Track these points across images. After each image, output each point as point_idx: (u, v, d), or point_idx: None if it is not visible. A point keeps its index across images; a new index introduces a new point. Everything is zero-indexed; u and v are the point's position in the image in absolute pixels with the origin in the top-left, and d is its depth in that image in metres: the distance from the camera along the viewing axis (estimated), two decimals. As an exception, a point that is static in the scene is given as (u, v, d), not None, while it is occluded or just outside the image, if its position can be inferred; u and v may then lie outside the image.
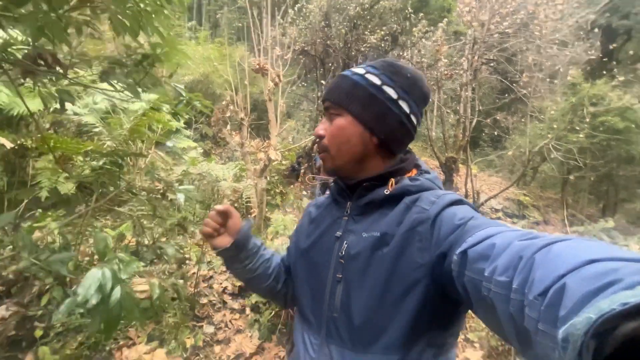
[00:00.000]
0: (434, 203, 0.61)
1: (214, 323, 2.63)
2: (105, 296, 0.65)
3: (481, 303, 0.44)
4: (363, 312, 0.61)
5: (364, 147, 0.69)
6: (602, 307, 0.25)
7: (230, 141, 4.30)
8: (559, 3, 8.97)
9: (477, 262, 0.45)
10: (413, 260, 0.59)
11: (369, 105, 0.67)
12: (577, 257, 0.32)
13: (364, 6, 8.01)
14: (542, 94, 10.92)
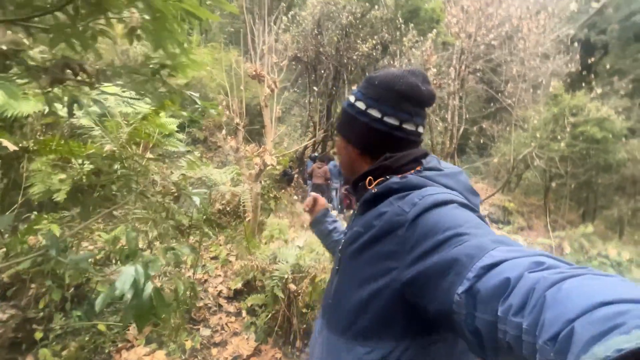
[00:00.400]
0: (415, 205, 0.57)
1: (210, 326, 2.64)
2: (139, 291, 0.70)
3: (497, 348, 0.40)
4: (342, 300, 0.66)
5: (349, 157, 0.79)
6: (597, 355, 0.24)
7: (225, 146, 4.33)
8: (541, 18, 9.40)
9: (491, 301, 0.40)
10: (387, 262, 0.58)
11: (345, 123, 0.78)
12: (588, 299, 0.30)
13: (355, 15, 8.20)
14: (525, 103, 11.34)
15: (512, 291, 0.38)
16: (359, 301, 0.61)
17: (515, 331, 0.36)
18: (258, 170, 3.71)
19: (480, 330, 0.42)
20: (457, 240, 0.48)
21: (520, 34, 9.39)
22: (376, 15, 8.47)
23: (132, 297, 0.67)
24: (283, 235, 3.60)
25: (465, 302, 0.43)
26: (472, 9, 9.03)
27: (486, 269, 0.42)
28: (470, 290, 0.43)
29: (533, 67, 10.42)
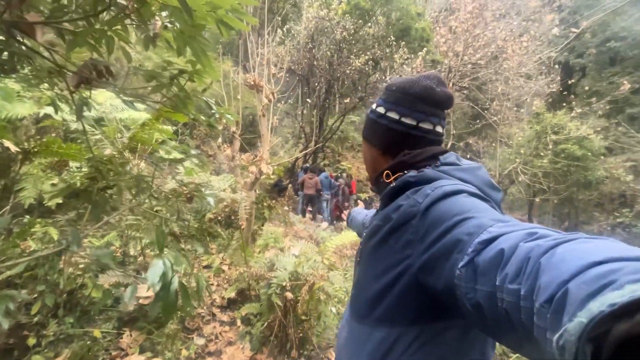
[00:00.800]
0: (428, 196, 0.60)
1: (204, 335, 2.60)
2: (167, 284, 0.71)
3: (497, 318, 0.41)
4: (363, 290, 0.70)
5: (373, 160, 0.84)
6: (592, 310, 0.25)
7: (220, 154, 4.33)
8: (524, 40, 9.90)
9: (489, 272, 0.42)
10: (403, 251, 0.60)
11: (368, 127, 0.85)
12: (581, 259, 0.31)
13: (349, 31, 8.45)
14: (509, 121, 11.77)
15: (508, 261, 0.39)
16: (377, 290, 0.64)
17: (512, 297, 0.37)
18: (254, 178, 3.72)
19: (481, 303, 0.42)
20: (462, 223, 0.51)
21: (505, 54, 9.85)
22: (369, 32, 8.76)
23: (160, 289, 0.69)
24: (278, 243, 3.59)
25: (466, 276, 0.45)
26: (460, 29, 9.45)
27: (484, 244, 0.44)
28: (470, 265, 0.45)
29: (517, 87, 10.90)
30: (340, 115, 10.91)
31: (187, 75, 1.17)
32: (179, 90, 1.18)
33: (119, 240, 2.99)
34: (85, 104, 1.30)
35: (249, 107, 8.62)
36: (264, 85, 3.74)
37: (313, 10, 8.41)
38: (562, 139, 10.52)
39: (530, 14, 12.30)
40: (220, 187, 2.60)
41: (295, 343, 2.51)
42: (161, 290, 0.70)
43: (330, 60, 8.99)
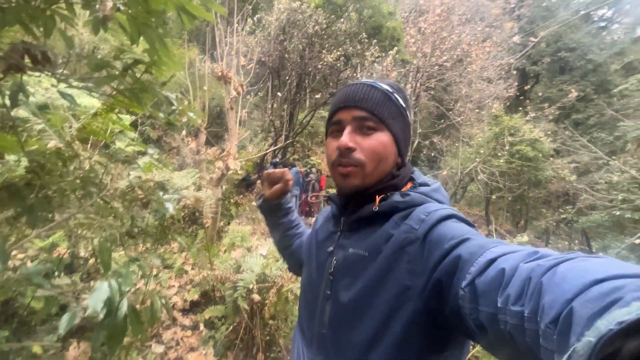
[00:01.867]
0: (423, 221, 0.57)
1: (163, 342, 2.45)
2: (114, 310, 0.61)
3: (501, 339, 0.40)
4: (349, 330, 0.59)
5: (387, 153, 0.66)
6: (600, 329, 0.24)
7: (184, 148, 4.11)
8: (487, 46, 10.42)
9: (490, 293, 0.41)
10: (400, 281, 0.55)
11: (403, 129, 0.68)
12: (582, 278, 0.31)
13: (321, 25, 8.35)
14: (471, 122, 12.41)
15: (509, 282, 0.39)
16: (371, 333, 0.56)
17: (515, 320, 0.36)
18: (220, 174, 3.56)
19: (484, 324, 0.42)
20: (463, 243, 0.50)
21: (469, 58, 10.31)
22: (341, 28, 8.72)
23: (105, 316, 0.59)
24: (245, 242, 3.48)
25: (469, 297, 0.44)
26: (429, 31, 9.72)
27: (487, 264, 0.44)
28: (472, 284, 0.44)
29: (479, 89, 11.49)
30: (311, 110, 10.84)
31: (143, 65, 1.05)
32: (134, 82, 1.05)
33: (66, 240, 2.72)
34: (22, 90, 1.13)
35: (216, 98, 8.26)
36: (233, 77, 3.57)
37: (285, 1, 8.20)
38: (517, 140, 11.24)
39: (492, 20, 12.96)
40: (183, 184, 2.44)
41: (262, 346, 2.45)
42: (106, 317, 0.60)
43: (301, 53, 8.85)
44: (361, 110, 0.65)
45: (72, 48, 0.86)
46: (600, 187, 10.41)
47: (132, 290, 2.19)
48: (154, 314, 0.79)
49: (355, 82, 0.69)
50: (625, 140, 11.05)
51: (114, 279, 0.63)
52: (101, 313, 0.59)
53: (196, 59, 6.50)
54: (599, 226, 10.35)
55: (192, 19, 0.79)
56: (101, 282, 0.62)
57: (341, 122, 0.67)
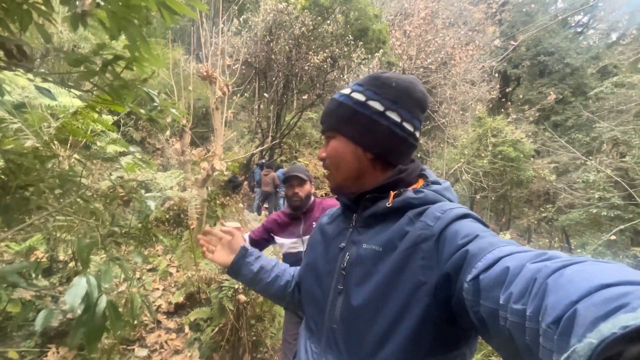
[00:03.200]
0: (439, 219, 0.58)
1: (147, 345, 2.40)
2: (91, 306, 0.60)
3: (501, 335, 0.40)
4: (361, 325, 0.60)
5: (358, 164, 0.69)
6: (603, 332, 0.24)
7: (168, 148, 4.04)
8: (470, 49, 10.68)
9: (493, 289, 0.42)
10: (415, 277, 0.56)
11: (356, 123, 0.68)
12: (589, 282, 0.31)
13: (308, 27, 8.37)
14: (456, 123, 12.68)
15: (513, 280, 0.39)
16: (385, 327, 0.57)
17: (515, 318, 0.37)
18: (205, 175, 3.52)
19: (485, 319, 0.43)
20: (474, 240, 0.51)
21: (453, 61, 10.54)
22: (328, 30, 8.76)
23: (83, 312, 0.58)
24: (231, 243, 3.44)
25: (472, 290, 0.45)
26: (414, 34, 9.90)
27: (494, 261, 0.44)
28: (476, 279, 0.45)
29: (463, 92, 11.75)
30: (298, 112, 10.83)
31: (124, 62, 1.03)
32: (114, 78, 1.04)
33: (44, 244, 2.63)
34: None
35: (201, 99, 8.17)
36: (218, 77, 3.54)
37: (271, 2, 8.19)
38: (500, 141, 11.53)
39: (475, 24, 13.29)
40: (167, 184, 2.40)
41: (248, 347, 2.43)
42: (84, 313, 0.59)
43: (288, 55, 8.84)
44: (323, 126, 0.76)
45: (49, 42, 0.84)
46: (578, 186, 10.79)
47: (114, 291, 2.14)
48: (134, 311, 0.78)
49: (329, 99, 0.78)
50: (600, 140, 11.51)
51: (92, 276, 0.62)
52: (79, 309, 0.59)
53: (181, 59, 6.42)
54: (577, 224, 10.72)
55: (173, 15, 0.79)
56: (79, 277, 0.61)
57: None
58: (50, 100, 3.07)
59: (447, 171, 12.04)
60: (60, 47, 3.82)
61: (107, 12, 0.81)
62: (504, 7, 17.78)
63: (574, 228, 11.56)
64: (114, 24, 0.84)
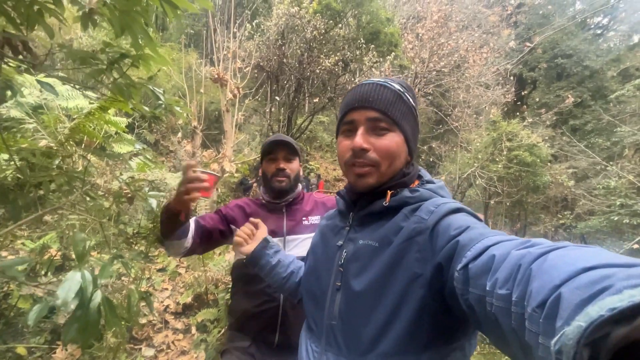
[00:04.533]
0: (433, 212, 0.59)
1: (154, 345, 2.41)
2: (86, 301, 0.60)
3: (488, 320, 0.42)
4: (359, 320, 0.61)
5: (399, 150, 0.68)
6: (591, 314, 0.25)
7: (179, 150, 4.10)
8: (484, 52, 10.50)
9: (480, 277, 0.43)
10: (410, 270, 0.57)
11: (413, 127, 0.71)
12: (572, 265, 0.31)
13: (319, 31, 8.41)
14: (469, 127, 12.45)
15: (498, 267, 0.40)
16: (381, 320, 0.58)
17: (501, 302, 0.38)
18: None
19: (473, 306, 0.44)
20: (465, 231, 0.53)
21: (466, 64, 10.38)
22: (339, 33, 8.78)
23: (77, 307, 0.57)
24: (239, 245, 3.45)
25: (462, 279, 0.47)
26: (426, 37, 9.80)
27: (482, 250, 0.46)
28: (465, 268, 0.46)
29: (477, 95, 11.54)
30: (309, 115, 10.86)
31: (130, 60, 1.04)
32: (120, 76, 1.05)
33: (57, 242, 2.69)
34: (9, 87, 1.12)
35: (214, 102, 8.29)
36: (229, 80, 3.57)
37: (284, 6, 8.27)
38: (515, 146, 11.25)
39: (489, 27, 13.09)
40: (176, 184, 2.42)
41: (254, 350, 2.41)
42: (78, 308, 0.58)
43: (300, 58, 8.89)
44: (374, 111, 0.66)
45: (52, 37, 0.85)
46: (598, 192, 10.41)
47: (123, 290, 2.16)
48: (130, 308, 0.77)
49: (367, 82, 0.70)
50: (622, 145, 11.10)
51: (88, 270, 0.61)
52: (72, 304, 0.58)
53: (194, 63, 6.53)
54: (597, 231, 10.34)
55: (176, 11, 0.79)
56: (74, 272, 0.60)
57: (354, 122, 0.68)
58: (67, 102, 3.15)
59: (460, 175, 11.81)
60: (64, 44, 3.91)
61: (109, 9, 0.81)
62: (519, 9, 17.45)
63: (593, 236, 11.15)
64: (117, 20, 0.84)
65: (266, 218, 1.25)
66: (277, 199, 1.33)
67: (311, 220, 1.33)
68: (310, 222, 1.32)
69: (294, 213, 1.34)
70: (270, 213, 1.32)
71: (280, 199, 1.33)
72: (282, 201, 1.33)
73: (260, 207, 1.35)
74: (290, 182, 1.30)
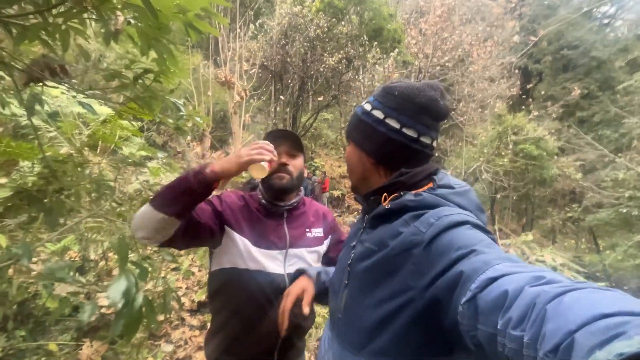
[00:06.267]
0: (432, 225, 0.58)
1: (172, 341, 2.51)
2: (131, 301, 0.67)
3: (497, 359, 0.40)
4: (355, 316, 0.65)
5: (362, 167, 0.75)
6: (598, 358, 0.24)
7: (189, 152, 4.19)
8: (489, 45, 10.43)
9: (491, 313, 0.41)
10: (405, 281, 0.58)
11: (361, 131, 0.74)
12: (589, 311, 0.31)
13: (322, 29, 8.44)
14: (474, 121, 12.38)
15: (511, 304, 0.38)
16: (375, 320, 0.60)
17: (514, 345, 0.36)
18: (225, 177, 3.63)
19: (482, 343, 0.42)
20: (467, 257, 0.50)
21: (470, 58, 10.33)
22: (342, 31, 8.79)
23: (123, 306, 0.65)
24: (250, 244, 3.54)
25: (468, 313, 0.44)
26: (430, 32, 9.77)
27: (489, 282, 0.43)
28: (472, 301, 0.44)
29: (481, 89, 11.48)
30: (314, 113, 10.91)
31: (152, 75, 1.11)
32: (144, 90, 1.12)
33: (77, 244, 2.80)
34: (38, 100, 1.20)
35: (219, 103, 8.37)
36: (236, 82, 3.64)
37: (286, 6, 8.31)
38: (521, 139, 11.19)
39: (493, 20, 12.96)
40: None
41: (268, 345, 2.49)
42: (124, 307, 0.66)
43: (303, 57, 8.94)
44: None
45: (88, 60, 0.92)
46: (606, 184, 10.32)
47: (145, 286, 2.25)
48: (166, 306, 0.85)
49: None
50: (630, 137, 10.96)
51: (130, 273, 0.69)
52: (120, 303, 0.65)
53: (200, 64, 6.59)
54: (606, 224, 10.25)
55: (199, 34, 0.85)
56: (119, 275, 0.68)
57: None
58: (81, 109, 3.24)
59: (466, 170, 11.79)
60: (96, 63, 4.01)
61: (137, 31, 0.88)
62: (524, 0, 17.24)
63: (602, 228, 11.06)
64: (145, 42, 0.91)
65: (264, 224, 1.10)
66: (277, 200, 1.12)
67: (314, 232, 1.18)
68: (313, 235, 1.17)
69: (296, 220, 1.16)
70: (268, 218, 1.12)
71: (280, 201, 1.13)
72: (283, 205, 1.13)
73: (257, 209, 1.13)
74: (293, 181, 1.10)
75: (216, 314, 1.10)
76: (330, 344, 0.73)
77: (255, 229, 1.08)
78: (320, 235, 1.19)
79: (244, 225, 1.08)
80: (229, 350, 1.05)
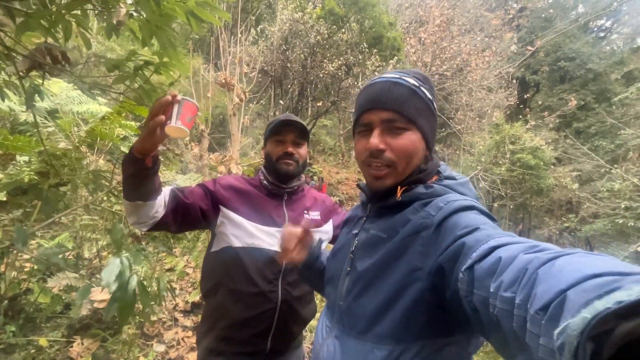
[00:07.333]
0: (441, 209, 0.59)
1: (164, 341, 2.47)
2: (124, 283, 0.67)
3: (490, 323, 0.41)
4: (360, 302, 0.64)
5: (415, 149, 0.66)
6: (597, 307, 0.24)
7: (188, 153, 4.19)
8: (487, 55, 10.59)
9: (485, 279, 0.42)
10: (412, 262, 0.58)
11: (431, 122, 0.68)
12: (580, 271, 0.31)
13: (323, 35, 8.54)
14: (472, 130, 12.50)
15: (504, 269, 0.40)
16: (380, 305, 0.60)
17: (504, 305, 0.37)
18: (222, 179, 3.63)
19: (477, 308, 0.44)
20: (472, 232, 0.52)
21: (469, 67, 10.47)
22: (342, 38, 8.90)
23: (117, 289, 0.65)
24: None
25: (467, 280, 0.46)
26: (429, 41, 9.91)
27: (488, 251, 0.45)
28: (470, 269, 0.46)
29: (479, 98, 11.62)
30: (313, 119, 10.96)
31: (153, 67, 1.12)
32: (144, 82, 1.13)
33: (72, 241, 2.78)
34: (37, 92, 1.21)
35: (219, 106, 8.41)
36: (236, 84, 3.67)
37: (288, 12, 8.41)
38: (518, 149, 11.26)
39: (492, 31, 13.19)
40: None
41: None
42: (117, 290, 0.66)
43: (303, 63, 9.02)
44: (388, 112, 0.65)
45: (89, 48, 0.93)
46: (602, 195, 10.38)
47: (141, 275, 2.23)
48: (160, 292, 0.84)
49: (379, 79, 0.69)
50: (626, 148, 11.08)
51: (125, 257, 0.69)
52: (113, 285, 0.65)
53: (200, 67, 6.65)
54: (602, 234, 10.29)
55: (200, 23, 0.87)
56: (114, 258, 0.68)
57: (369, 124, 0.68)
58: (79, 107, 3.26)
59: (463, 178, 11.80)
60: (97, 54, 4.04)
61: (140, 21, 0.89)
62: (521, 12, 17.55)
63: (598, 239, 11.10)
64: (147, 31, 0.92)
65: (263, 202, 1.16)
66: (281, 183, 1.18)
67: (312, 214, 1.23)
68: (310, 217, 1.22)
69: (294, 204, 1.22)
70: (269, 197, 1.18)
71: (284, 183, 1.18)
72: (286, 187, 1.19)
73: (257, 189, 1.19)
74: (298, 168, 1.18)
75: (209, 297, 1.09)
76: (328, 333, 0.73)
77: (254, 207, 1.14)
78: (317, 218, 1.23)
79: (241, 202, 1.13)
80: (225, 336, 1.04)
